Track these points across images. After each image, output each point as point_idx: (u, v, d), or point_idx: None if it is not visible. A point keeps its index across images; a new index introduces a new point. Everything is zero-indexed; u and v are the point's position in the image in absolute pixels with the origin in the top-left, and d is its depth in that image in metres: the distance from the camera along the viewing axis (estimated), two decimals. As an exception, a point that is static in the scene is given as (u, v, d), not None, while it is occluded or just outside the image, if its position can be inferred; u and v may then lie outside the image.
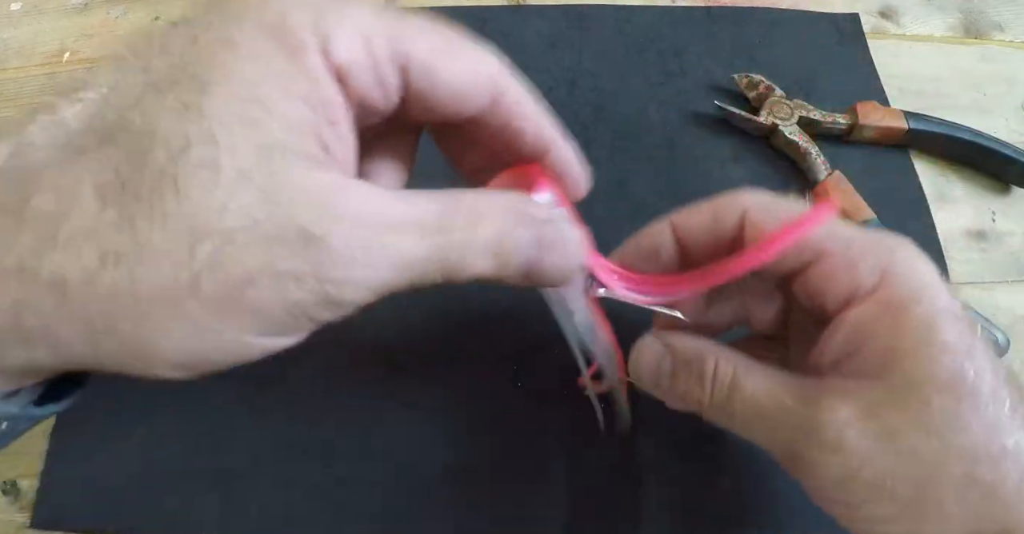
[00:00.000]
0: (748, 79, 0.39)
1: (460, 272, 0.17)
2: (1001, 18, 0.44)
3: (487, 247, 0.17)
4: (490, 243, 0.17)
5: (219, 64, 0.15)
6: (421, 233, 0.16)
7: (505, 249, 0.17)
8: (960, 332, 0.19)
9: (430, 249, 0.16)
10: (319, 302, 0.15)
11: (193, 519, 0.29)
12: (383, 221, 0.15)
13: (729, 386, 0.21)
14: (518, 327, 0.33)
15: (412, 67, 0.17)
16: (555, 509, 0.29)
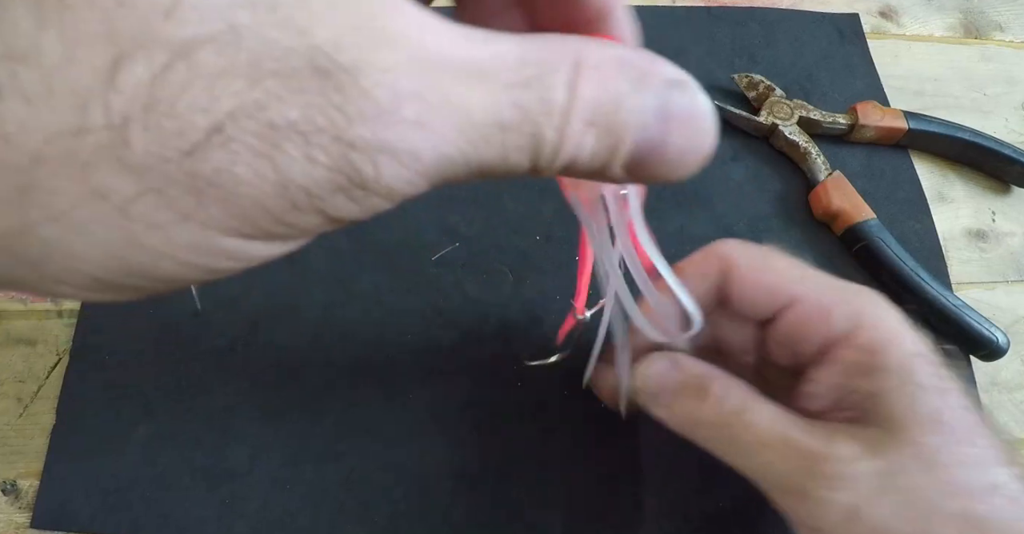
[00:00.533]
0: (748, 79, 0.39)
1: (550, 153, 0.11)
2: (1001, 18, 0.44)
3: (593, 114, 0.11)
4: (598, 108, 0.11)
5: None
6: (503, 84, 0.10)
7: (619, 119, 0.12)
8: (932, 374, 0.20)
9: (514, 110, 0.11)
10: (338, 182, 0.10)
11: (193, 519, 0.29)
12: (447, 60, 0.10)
13: (736, 411, 0.21)
14: (519, 327, 0.33)
15: None
16: (555, 509, 0.29)
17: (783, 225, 0.35)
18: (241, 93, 0.09)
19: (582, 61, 0.11)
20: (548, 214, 0.36)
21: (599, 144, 0.12)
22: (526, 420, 0.31)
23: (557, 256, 0.34)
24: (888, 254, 0.32)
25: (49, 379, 0.32)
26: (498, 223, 0.35)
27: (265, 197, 0.09)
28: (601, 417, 0.31)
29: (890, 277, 0.32)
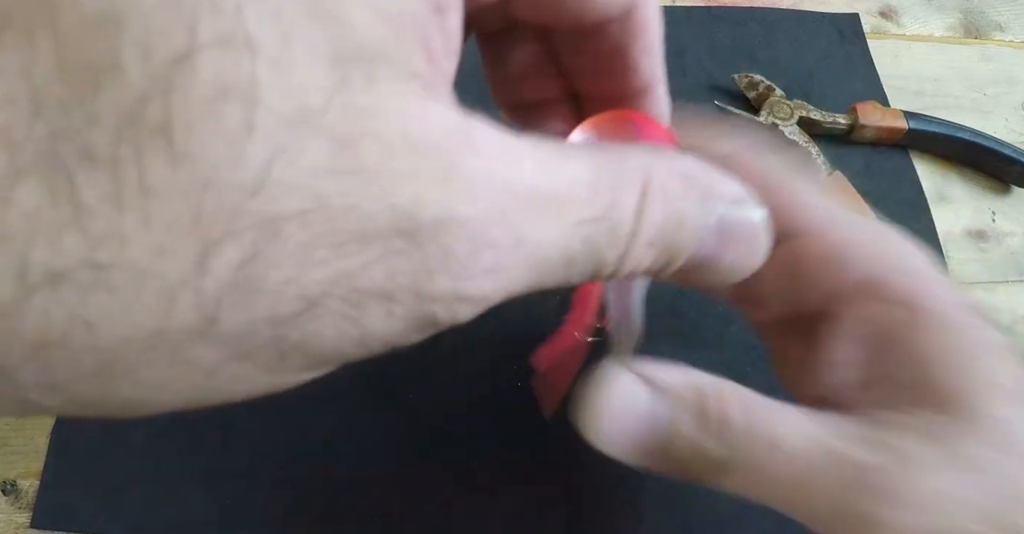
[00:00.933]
0: (748, 79, 0.39)
1: (610, 273, 0.12)
2: (1001, 18, 0.44)
3: (657, 236, 0.11)
4: (663, 230, 0.11)
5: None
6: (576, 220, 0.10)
7: (681, 239, 0.12)
8: (983, 329, 0.15)
9: (584, 245, 0.11)
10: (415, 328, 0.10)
11: (193, 519, 0.29)
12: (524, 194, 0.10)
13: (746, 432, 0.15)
14: (519, 326, 0.33)
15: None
16: (556, 509, 0.29)
17: (783, 225, 0.35)
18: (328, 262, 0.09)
19: (650, 181, 0.11)
20: (548, 214, 0.36)
21: (657, 260, 0.12)
22: (526, 420, 0.31)
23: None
24: (888, 254, 0.32)
25: (49, 379, 0.32)
26: (498, 223, 0.35)
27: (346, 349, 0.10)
28: (601, 417, 0.31)
29: (890, 277, 0.33)
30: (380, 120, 0.08)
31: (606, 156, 0.11)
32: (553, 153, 0.11)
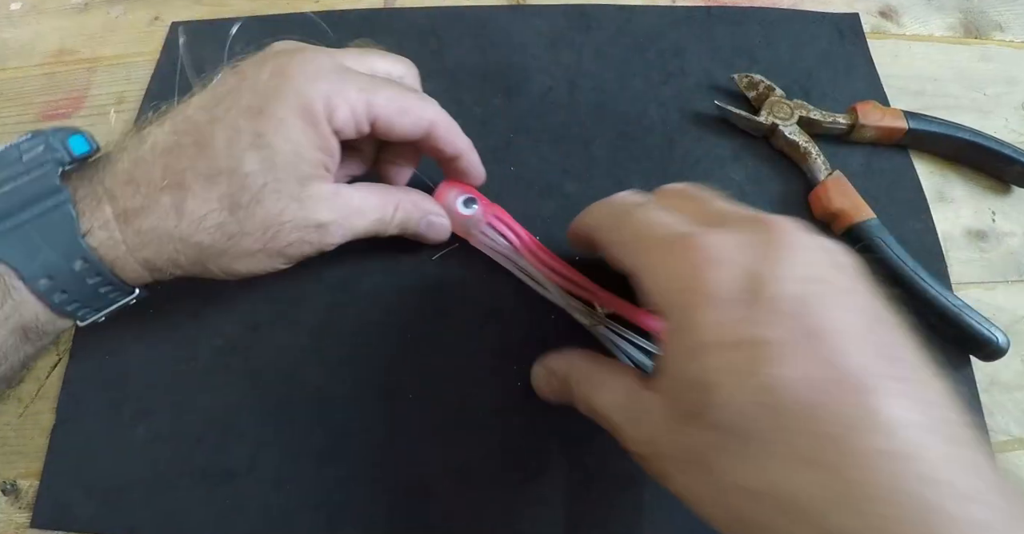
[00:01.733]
0: (748, 79, 0.39)
1: (385, 233, 0.30)
2: (1001, 18, 0.44)
3: (399, 223, 0.30)
4: (399, 226, 0.30)
5: (274, 130, 0.25)
6: (369, 218, 0.28)
7: (406, 227, 0.30)
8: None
9: (372, 224, 0.29)
10: (315, 251, 0.27)
11: (193, 519, 0.29)
12: (353, 210, 0.28)
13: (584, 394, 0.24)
14: (518, 327, 0.33)
15: (378, 121, 0.27)
16: (555, 509, 0.29)
17: (783, 225, 0.35)
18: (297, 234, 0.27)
19: (398, 204, 0.29)
20: (548, 214, 0.36)
21: (401, 230, 0.30)
22: (526, 420, 0.31)
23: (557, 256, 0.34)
24: (888, 254, 0.32)
25: (49, 379, 0.32)
26: (498, 223, 0.35)
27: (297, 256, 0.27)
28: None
29: (890, 277, 0.32)
30: (310, 193, 0.26)
31: (384, 194, 0.29)
32: (367, 193, 0.29)
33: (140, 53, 0.43)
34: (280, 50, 0.27)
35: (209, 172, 0.24)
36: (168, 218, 0.24)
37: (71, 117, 0.40)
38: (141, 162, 0.25)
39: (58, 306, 0.24)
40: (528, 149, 0.38)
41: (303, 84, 0.25)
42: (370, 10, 0.43)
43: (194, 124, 0.25)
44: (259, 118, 0.25)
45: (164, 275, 0.26)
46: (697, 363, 0.18)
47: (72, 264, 0.23)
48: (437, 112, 0.29)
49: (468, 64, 0.41)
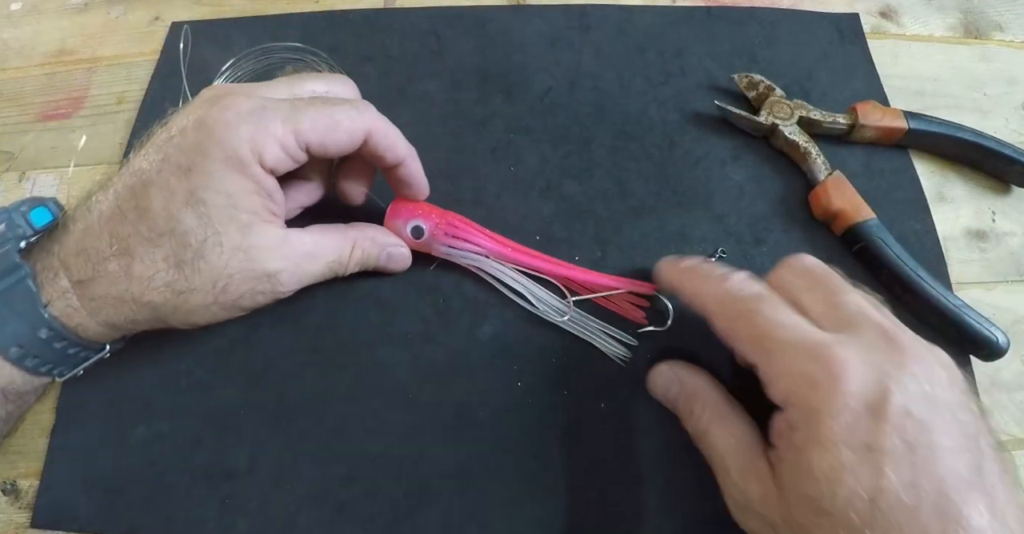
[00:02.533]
0: (748, 79, 0.39)
1: (344, 273, 0.30)
2: (1001, 18, 0.44)
3: (357, 265, 0.31)
4: (359, 264, 0.31)
5: (204, 185, 0.25)
6: (324, 262, 0.29)
7: (367, 264, 0.31)
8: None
9: (327, 267, 0.29)
10: (270, 300, 0.28)
11: (193, 519, 0.29)
12: (305, 255, 0.28)
13: (704, 427, 0.26)
14: (518, 326, 0.33)
15: (311, 144, 0.27)
16: (556, 509, 0.29)
17: (783, 225, 0.35)
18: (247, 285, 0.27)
19: (355, 242, 0.30)
20: (548, 214, 0.36)
21: (361, 267, 0.31)
22: (526, 420, 0.31)
23: (556, 256, 0.34)
24: (888, 254, 0.32)
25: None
26: (498, 223, 0.35)
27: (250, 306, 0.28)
28: (602, 417, 0.31)
29: (890, 277, 0.32)
30: (254, 242, 0.26)
31: (339, 234, 0.30)
32: (320, 236, 0.29)
33: (140, 53, 0.43)
34: (204, 99, 0.27)
35: (151, 235, 0.25)
36: (118, 283, 0.25)
37: (71, 117, 0.40)
38: (89, 232, 0.26)
39: (32, 369, 0.26)
40: (528, 149, 0.38)
41: (224, 134, 0.25)
42: (370, 10, 0.43)
43: (131, 189, 0.26)
44: (189, 176, 0.25)
45: (128, 332, 0.28)
46: (824, 458, 0.21)
47: (38, 333, 0.25)
48: (373, 118, 0.28)
49: (468, 64, 0.41)
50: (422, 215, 0.32)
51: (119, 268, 0.25)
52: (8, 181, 0.38)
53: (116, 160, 0.38)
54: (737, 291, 0.26)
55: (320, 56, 0.41)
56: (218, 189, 0.25)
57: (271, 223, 0.27)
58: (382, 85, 0.40)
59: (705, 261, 0.29)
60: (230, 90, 0.27)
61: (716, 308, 0.26)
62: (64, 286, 0.25)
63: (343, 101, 0.28)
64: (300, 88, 0.29)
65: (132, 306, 0.26)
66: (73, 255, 0.25)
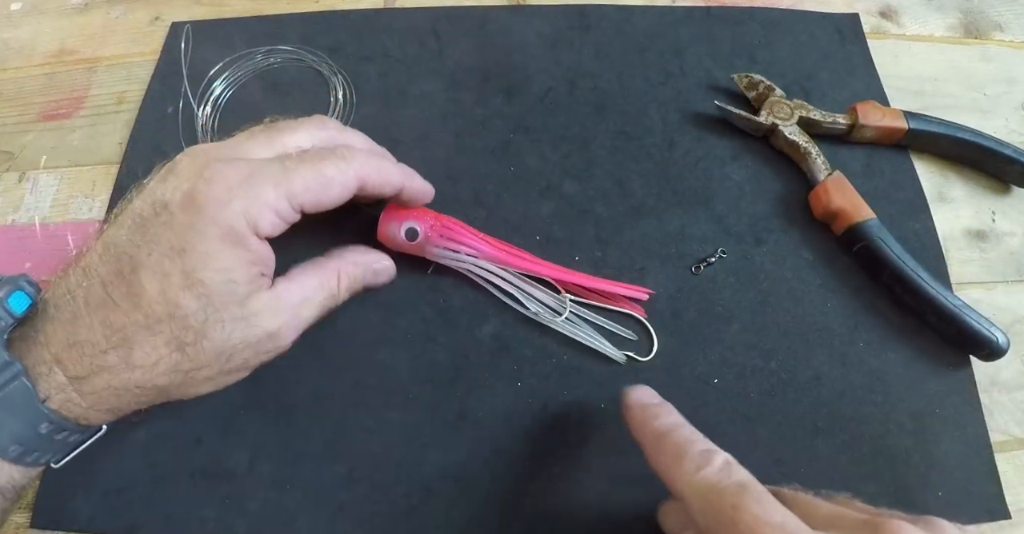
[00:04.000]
0: (748, 79, 0.39)
1: (337, 304, 0.30)
2: (1001, 18, 0.44)
3: (348, 291, 0.30)
4: (349, 289, 0.30)
5: (202, 265, 0.24)
6: (316, 303, 0.29)
7: (356, 287, 0.31)
8: None
9: (321, 306, 0.29)
10: (274, 356, 0.28)
11: (193, 519, 0.29)
12: (298, 304, 0.28)
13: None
14: (518, 327, 0.33)
15: (305, 205, 0.27)
16: (556, 509, 0.29)
17: (783, 225, 0.35)
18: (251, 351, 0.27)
19: (340, 271, 0.30)
20: (548, 214, 0.36)
21: (352, 292, 0.31)
22: (526, 420, 0.31)
23: (556, 256, 0.34)
24: (888, 254, 0.32)
25: (49, 379, 0.32)
26: (498, 223, 0.35)
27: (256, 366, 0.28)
28: (601, 418, 0.31)
29: (890, 277, 0.32)
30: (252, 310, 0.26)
31: (322, 269, 0.29)
32: (304, 278, 0.28)
33: (140, 53, 0.43)
34: (186, 168, 0.26)
35: (148, 322, 0.24)
36: (120, 374, 0.24)
37: (71, 117, 0.40)
38: (78, 322, 0.24)
39: (31, 463, 0.25)
40: (528, 149, 0.38)
41: (218, 212, 0.24)
42: (370, 10, 0.43)
43: (119, 274, 0.24)
44: (183, 256, 0.24)
45: (131, 413, 0.27)
46: None
47: (38, 429, 0.24)
48: (362, 165, 0.28)
49: (468, 64, 0.41)
50: (416, 217, 0.32)
51: (119, 359, 0.24)
52: (8, 181, 0.38)
53: (116, 160, 0.38)
54: (717, 482, 0.22)
55: (320, 56, 0.41)
56: (216, 267, 0.24)
57: (264, 286, 0.27)
58: (382, 85, 0.40)
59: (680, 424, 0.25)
60: (213, 155, 0.26)
61: (692, 499, 0.23)
62: (61, 381, 0.24)
63: (329, 153, 0.27)
64: (282, 144, 0.28)
65: (136, 392, 0.25)
66: (65, 348, 0.24)
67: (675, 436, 0.24)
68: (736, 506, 0.21)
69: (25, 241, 0.36)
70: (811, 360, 0.32)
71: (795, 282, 0.34)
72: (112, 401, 0.25)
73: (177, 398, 0.27)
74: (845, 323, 0.33)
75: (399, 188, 0.30)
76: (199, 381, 0.26)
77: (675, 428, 0.25)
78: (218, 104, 0.39)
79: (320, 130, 0.29)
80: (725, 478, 0.22)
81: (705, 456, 0.23)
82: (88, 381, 0.24)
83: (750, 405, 0.31)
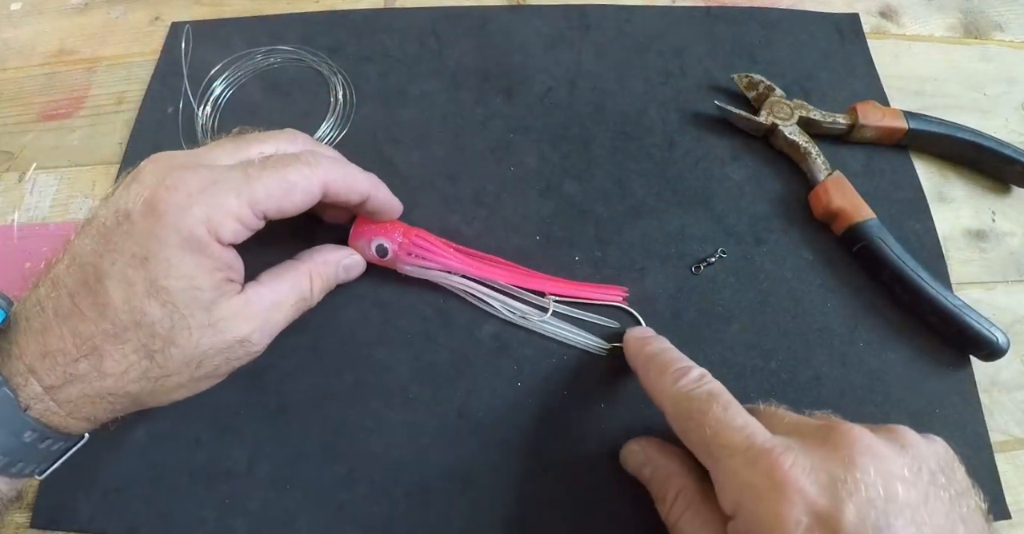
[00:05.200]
0: (748, 79, 0.39)
1: (311, 305, 0.30)
2: (1001, 18, 0.44)
3: (321, 291, 0.30)
4: (323, 289, 0.31)
5: (164, 273, 0.24)
6: (288, 306, 0.28)
7: (329, 285, 0.31)
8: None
9: (293, 308, 0.29)
10: (247, 361, 0.28)
11: (193, 519, 0.29)
12: (268, 308, 0.27)
13: (675, 519, 0.25)
14: (518, 327, 0.33)
15: (268, 212, 0.26)
16: (556, 509, 0.29)
17: (783, 225, 0.35)
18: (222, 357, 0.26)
19: (311, 272, 0.30)
20: (548, 214, 0.36)
21: (327, 290, 0.31)
22: (526, 420, 0.31)
23: (557, 256, 0.34)
24: (888, 254, 0.32)
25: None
26: (498, 223, 0.35)
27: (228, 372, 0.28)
28: (601, 418, 0.31)
29: (890, 277, 0.32)
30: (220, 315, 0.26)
31: (292, 271, 0.29)
32: (275, 282, 0.28)
33: (140, 53, 0.43)
34: (148, 174, 0.25)
35: (116, 330, 0.24)
36: (92, 382, 0.24)
37: (71, 117, 0.40)
38: (49, 333, 0.24)
39: (16, 474, 0.25)
40: (528, 149, 0.38)
41: (178, 218, 0.24)
42: (370, 10, 0.43)
43: (85, 284, 0.24)
44: (146, 265, 0.24)
45: (108, 421, 0.27)
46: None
47: (22, 438, 0.24)
48: (327, 170, 0.28)
49: (468, 64, 0.41)
50: (385, 233, 0.32)
51: (90, 368, 0.24)
52: (8, 181, 0.38)
53: (116, 160, 0.38)
54: (690, 390, 0.25)
55: (320, 56, 0.41)
56: (178, 275, 0.24)
57: (232, 292, 0.26)
58: (382, 85, 0.40)
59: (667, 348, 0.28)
60: (175, 163, 0.26)
61: (669, 407, 0.25)
62: (38, 391, 0.24)
63: (293, 159, 0.27)
64: (247, 151, 0.28)
65: (110, 399, 0.25)
66: (38, 359, 0.24)
67: (662, 357, 0.28)
68: (703, 411, 0.24)
69: (25, 241, 0.36)
70: (811, 360, 0.32)
71: (795, 282, 0.34)
72: (88, 409, 0.25)
73: (152, 405, 0.27)
74: (845, 323, 0.33)
75: (365, 195, 0.29)
76: (170, 388, 0.26)
77: (662, 351, 0.28)
78: (218, 104, 0.39)
79: (289, 143, 0.29)
80: (697, 388, 0.25)
81: (683, 370, 0.26)
82: (62, 390, 0.24)
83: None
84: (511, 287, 0.32)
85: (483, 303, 0.32)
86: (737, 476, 0.22)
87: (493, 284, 0.32)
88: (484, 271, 0.32)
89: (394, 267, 0.32)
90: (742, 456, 0.22)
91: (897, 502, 0.20)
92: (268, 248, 0.28)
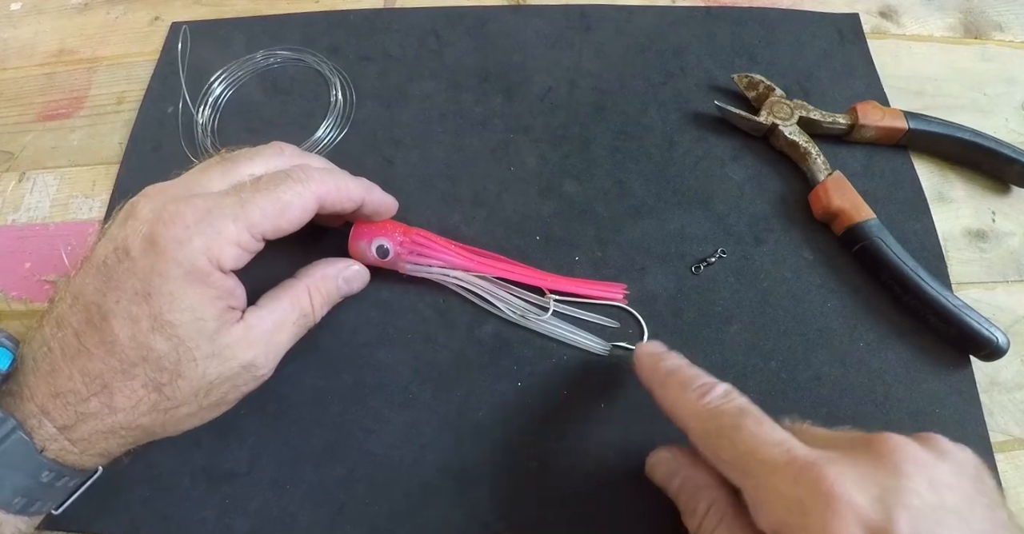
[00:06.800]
0: (748, 79, 0.39)
1: (315, 322, 0.30)
2: (1001, 18, 0.44)
3: (323, 306, 0.30)
4: (324, 303, 0.30)
5: (168, 307, 0.25)
6: (290, 325, 0.29)
7: (331, 299, 0.31)
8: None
9: (296, 327, 0.29)
10: (254, 386, 0.28)
11: (193, 519, 0.29)
12: (271, 330, 0.28)
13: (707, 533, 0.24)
14: (518, 327, 0.33)
15: (266, 233, 0.27)
16: (556, 509, 0.29)
17: (783, 225, 0.35)
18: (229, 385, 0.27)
19: (310, 287, 0.30)
20: (548, 214, 0.36)
21: (329, 304, 0.31)
22: (526, 420, 0.31)
23: (557, 256, 0.34)
24: (888, 254, 0.32)
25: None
26: (498, 223, 0.35)
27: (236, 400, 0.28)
28: (601, 418, 0.31)
29: (890, 277, 0.32)
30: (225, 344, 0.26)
31: (290, 290, 0.29)
32: (274, 303, 0.28)
33: (140, 53, 0.43)
34: (143, 209, 0.26)
35: (124, 366, 0.24)
36: (104, 419, 0.25)
37: (71, 117, 0.40)
38: (57, 373, 0.24)
39: (33, 512, 0.26)
40: (528, 149, 0.38)
41: (178, 252, 0.24)
42: (370, 10, 0.43)
43: (90, 323, 0.25)
44: (150, 301, 0.24)
45: (122, 453, 0.27)
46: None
47: (39, 478, 0.24)
48: (319, 183, 0.28)
49: (468, 64, 0.41)
50: (386, 234, 0.32)
51: (101, 405, 0.25)
52: (8, 181, 0.38)
53: (116, 160, 0.38)
54: (717, 406, 0.24)
55: (319, 56, 0.41)
56: (182, 308, 0.25)
57: (233, 319, 0.27)
58: (382, 85, 0.40)
59: (685, 365, 0.27)
60: (169, 195, 0.26)
61: (695, 425, 0.24)
62: (52, 432, 0.24)
63: (284, 176, 0.27)
64: (236, 173, 0.28)
65: (122, 433, 0.26)
66: (49, 399, 0.24)
67: (681, 373, 0.26)
68: (736, 426, 0.23)
69: (25, 241, 0.36)
70: (811, 360, 0.32)
71: (795, 282, 0.34)
72: (101, 445, 0.25)
73: (163, 436, 0.27)
74: (845, 323, 0.33)
75: (360, 202, 0.30)
76: (180, 418, 0.26)
77: (680, 368, 0.27)
78: (218, 104, 0.39)
79: (277, 158, 0.29)
80: (726, 403, 0.24)
81: (707, 386, 0.25)
82: (76, 428, 0.25)
83: (750, 405, 0.31)
84: (511, 284, 0.32)
85: (484, 301, 0.32)
86: (779, 492, 0.21)
87: (494, 280, 0.32)
88: (485, 266, 0.32)
89: (395, 267, 0.32)
90: (784, 471, 0.21)
91: (946, 509, 0.20)
92: (269, 263, 0.28)
